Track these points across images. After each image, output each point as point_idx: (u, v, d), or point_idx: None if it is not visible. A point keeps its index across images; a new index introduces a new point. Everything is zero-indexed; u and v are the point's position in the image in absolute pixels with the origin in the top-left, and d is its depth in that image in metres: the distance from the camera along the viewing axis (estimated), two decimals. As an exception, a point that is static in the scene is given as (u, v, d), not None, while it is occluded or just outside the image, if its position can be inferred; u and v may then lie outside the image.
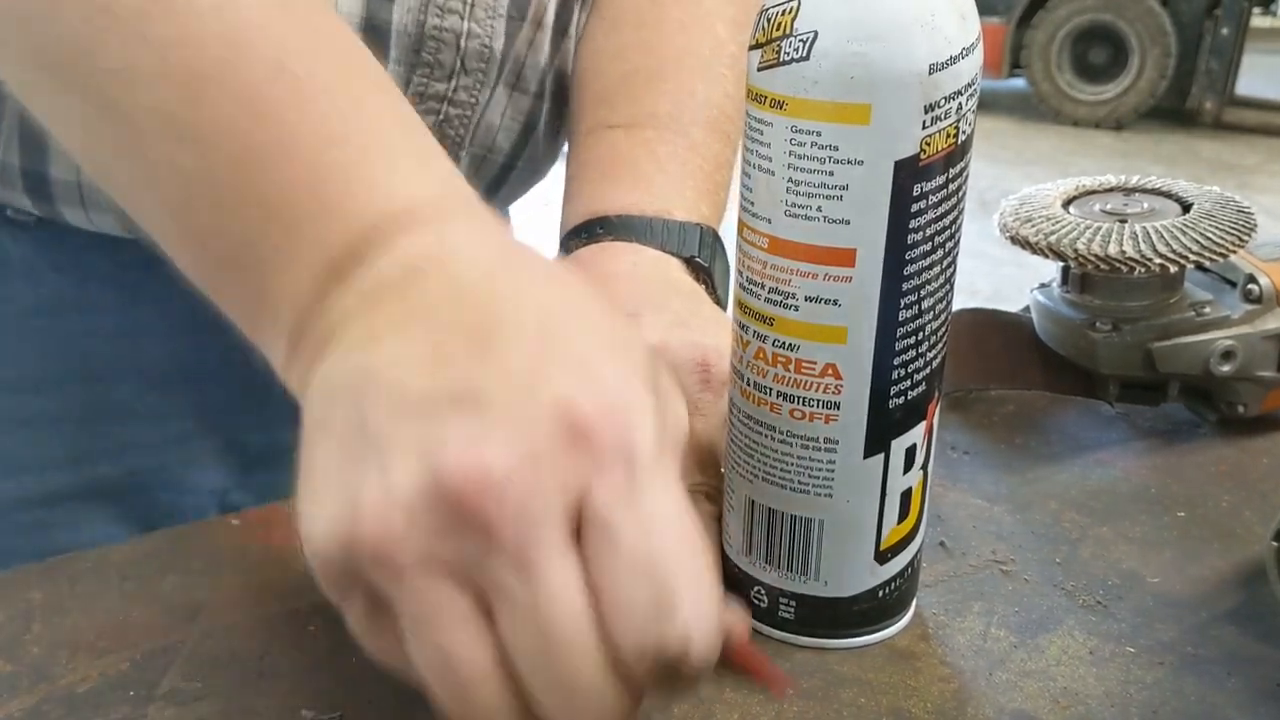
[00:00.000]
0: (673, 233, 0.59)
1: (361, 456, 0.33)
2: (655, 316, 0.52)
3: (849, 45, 0.38)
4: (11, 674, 0.43)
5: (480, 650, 0.32)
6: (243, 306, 0.40)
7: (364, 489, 0.32)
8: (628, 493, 0.32)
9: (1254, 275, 0.61)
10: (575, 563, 0.32)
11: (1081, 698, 0.43)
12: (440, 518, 0.31)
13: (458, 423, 0.32)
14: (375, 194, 0.38)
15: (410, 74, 0.60)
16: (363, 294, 0.36)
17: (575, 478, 0.32)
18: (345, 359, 0.35)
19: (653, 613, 0.31)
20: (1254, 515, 0.55)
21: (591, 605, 0.32)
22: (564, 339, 0.34)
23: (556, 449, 0.32)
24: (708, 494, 0.49)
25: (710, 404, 0.50)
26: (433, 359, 0.33)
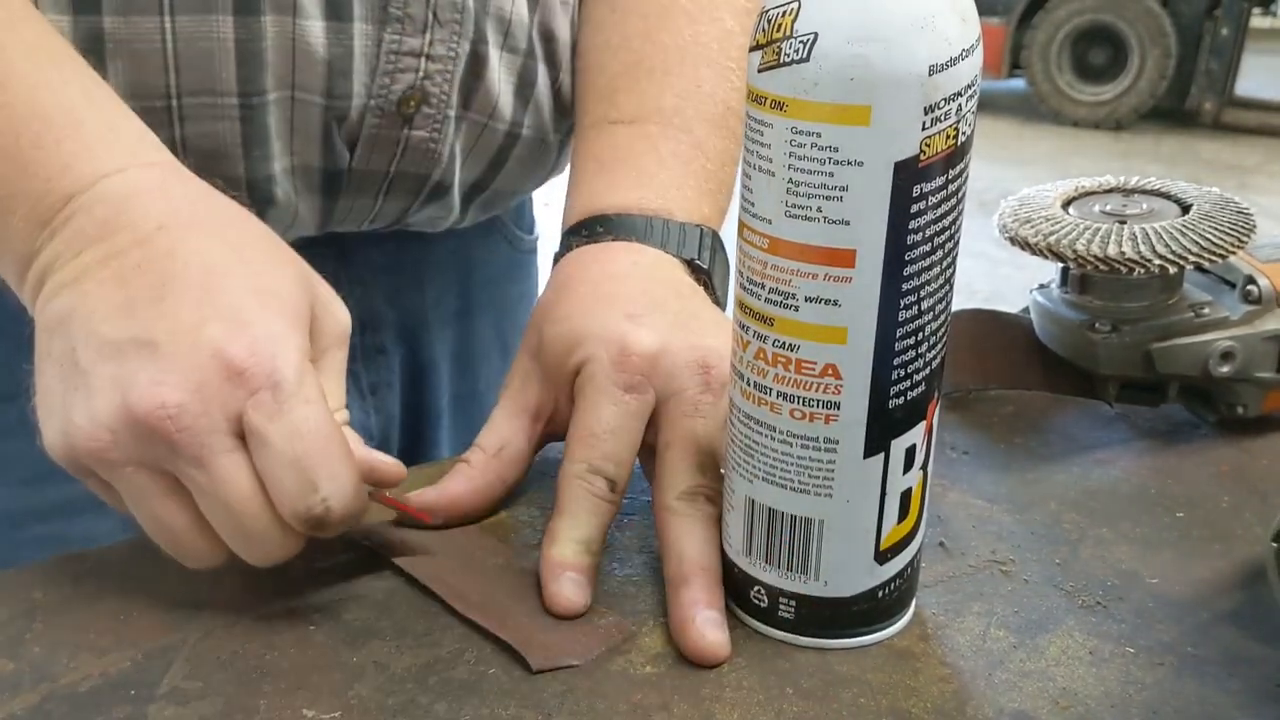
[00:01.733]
0: (673, 233, 0.59)
1: (73, 384, 0.45)
2: (654, 319, 0.52)
3: (849, 46, 0.38)
4: (13, 673, 0.43)
5: (181, 515, 0.45)
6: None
7: (77, 411, 0.44)
8: (274, 411, 0.44)
9: (1253, 276, 0.61)
10: (240, 458, 0.44)
11: (1081, 698, 0.43)
12: (134, 435, 0.43)
13: (140, 365, 0.44)
14: (68, 159, 0.48)
15: (380, 32, 0.59)
16: (67, 242, 0.47)
17: (232, 402, 0.44)
18: (55, 298, 0.46)
19: (297, 489, 0.44)
20: (1254, 516, 0.55)
21: (258, 485, 0.44)
22: (222, 291, 0.46)
23: (216, 383, 0.44)
24: (707, 496, 0.49)
25: (710, 406, 0.50)
26: (119, 309, 0.45)
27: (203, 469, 0.44)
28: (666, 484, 0.49)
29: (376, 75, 0.60)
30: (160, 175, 0.49)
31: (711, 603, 0.46)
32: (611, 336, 0.52)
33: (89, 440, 0.44)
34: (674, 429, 0.50)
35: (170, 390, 0.43)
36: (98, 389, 0.44)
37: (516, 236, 0.83)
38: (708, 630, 0.45)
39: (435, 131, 0.63)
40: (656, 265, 0.57)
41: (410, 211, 0.67)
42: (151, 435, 0.43)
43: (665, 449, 0.50)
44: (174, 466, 0.44)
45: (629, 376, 0.51)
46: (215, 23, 0.56)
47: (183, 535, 0.45)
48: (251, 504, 0.44)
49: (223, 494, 0.44)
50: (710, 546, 0.48)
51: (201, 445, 0.43)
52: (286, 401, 0.44)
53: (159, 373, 0.43)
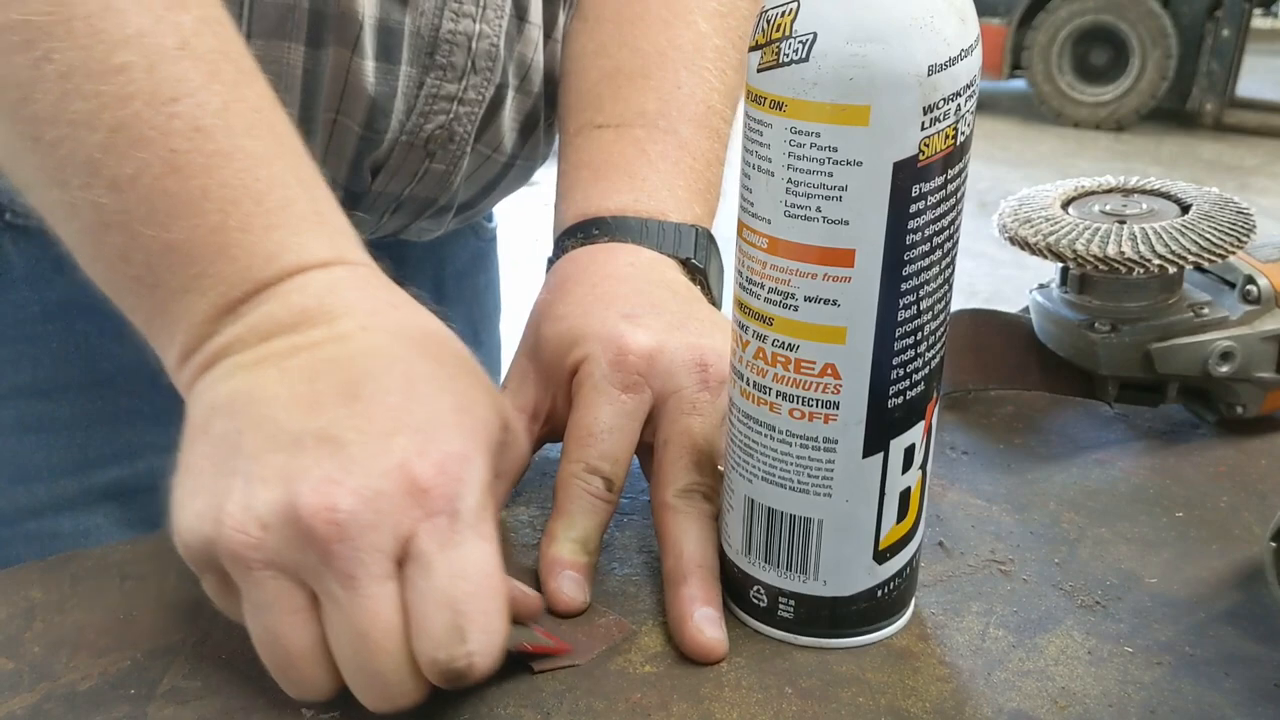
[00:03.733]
0: (668, 234, 0.59)
1: (233, 470, 0.40)
2: (652, 319, 0.53)
3: (848, 47, 0.38)
4: (13, 672, 0.43)
5: (303, 636, 0.40)
6: (143, 317, 0.46)
7: (230, 498, 0.40)
8: (446, 539, 0.40)
9: (1253, 276, 0.61)
10: (393, 587, 0.39)
11: (1079, 697, 0.43)
12: (289, 536, 0.39)
13: (318, 461, 0.39)
14: (273, 249, 0.44)
15: (424, 76, 0.61)
16: (252, 327, 0.43)
17: (406, 521, 0.39)
18: (231, 378, 0.43)
19: (446, 637, 0.39)
20: (1252, 516, 0.55)
21: (403, 620, 0.39)
22: (419, 401, 0.42)
23: (394, 497, 0.39)
24: (705, 494, 0.49)
25: (707, 404, 0.50)
26: (306, 401, 0.41)
27: (351, 590, 0.39)
28: (664, 482, 0.49)
29: (413, 115, 0.62)
30: (365, 276, 0.46)
31: (709, 600, 0.46)
32: (609, 336, 0.52)
33: (235, 531, 0.39)
34: (671, 427, 0.50)
35: (345, 494, 0.39)
36: (261, 478, 0.39)
37: (481, 227, 0.85)
38: (705, 627, 0.45)
39: (452, 165, 0.66)
40: (653, 265, 0.57)
41: (408, 227, 0.70)
42: (308, 539, 0.38)
43: (663, 447, 0.50)
44: (318, 581, 0.39)
45: (626, 376, 0.51)
46: (287, 49, 0.57)
47: (300, 659, 0.40)
48: (389, 640, 0.39)
49: (363, 623, 0.39)
50: (708, 544, 0.48)
51: (359, 563, 0.39)
52: (462, 533, 0.40)
53: (336, 472, 0.39)
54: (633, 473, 0.57)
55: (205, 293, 0.44)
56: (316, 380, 0.42)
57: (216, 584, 0.42)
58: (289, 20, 0.56)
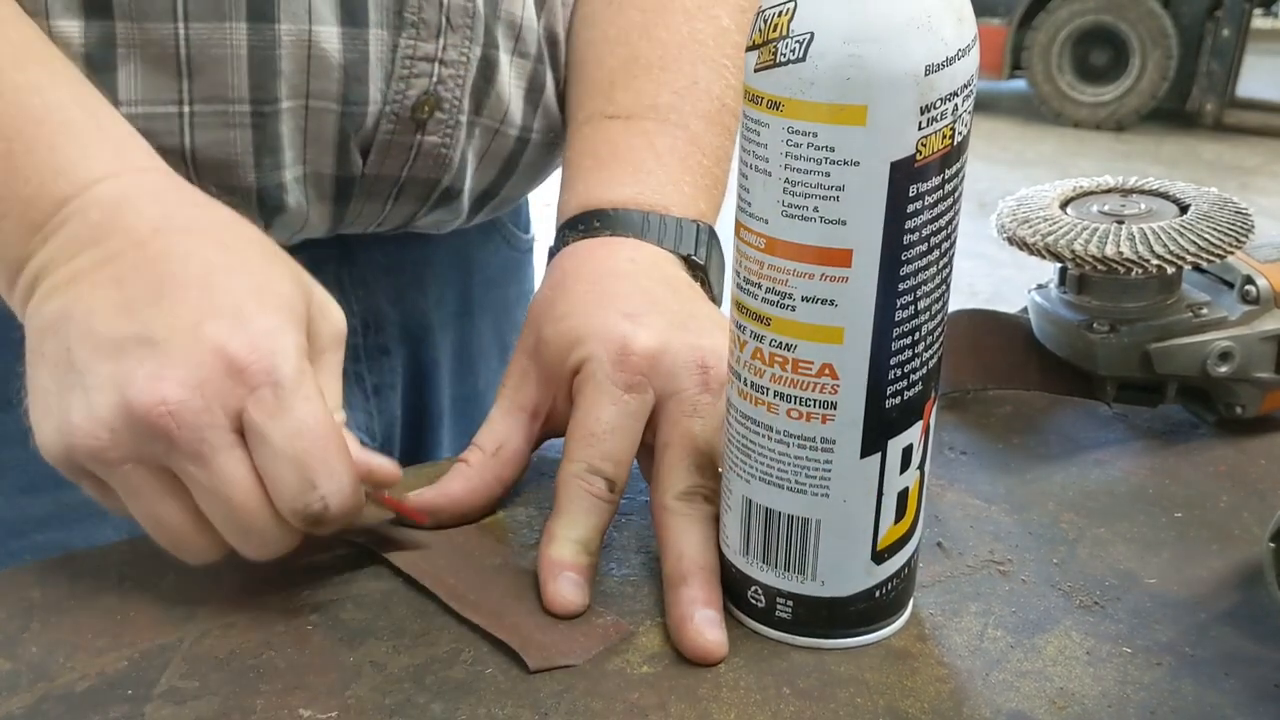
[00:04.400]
0: (669, 229, 0.59)
1: (71, 384, 0.45)
2: (654, 319, 0.52)
3: (845, 46, 0.38)
4: (10, 672, 0.43)
5: (179, 512, 0.45)
6: None
7: (74, 410, 0.44)
8: (274, 408, 0.44)
9: (1251, 276, 0.61)
10: (240, 454, 0.44)
11: (1078, 698, 0.43)
12: (134, 432, 0.43)
13: (140, 362, 0.44)
14: (62, 163, 0.48)
15: (396, 37, 0.59)
16: (60, 248, 0.47)
17: (232, 399, 0.44)
18: (49, 300, 0.46)
19: (297, 487, 0.44)
20: (1252, 516, 0.55)
21: (257, 480, 0.44)
22: (220, 288, 0.46)
23: (216, 379, 0.44)
24: (705, 496, 0.49)
25: (709, 406, 0.50)
26: (118, 308, 0.45)
27: (202, 466, 0.44)
28: (665, 484, 0.49)
29: (392, 81, 0.60)
30: (154, 180, 0.50)
31: (710, 602, 0.46)
32: (611, 336, 0.52)
33: (87, 438, 0.44)
34: (673, 429, 0.50)
35: (171, 386, 0.43)
36: (95, 387, 0.44)
37: (514, 236, 0.83)
38: (705, 629, 0.45)
39: (447, 137, 0.64)
40: (654, 262, 0.57)
41: (418, 215, 0.68)
42: (151, 432, 0.43)
43: (664, 449, 0.50)
44: (173, 463, 0.44)
45: (629, 376, 0.51)
46: (229, 30, 0.55)
47: (182, 532, 0.46)
48: (251, 500, 0.44)
49: (222, 491, 0.44)
50: (708, 546, 0.48)
51: (202, 441, 0.43)
52: (287, 399, 0.44)
53: (159, 369, 0.43)
54: (631, 474, 0.57)
55: (7, 216, 0.48)
56: (124, 287, 0.45)
57: (93, 486, 0.46)
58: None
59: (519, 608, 0.47)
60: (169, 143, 0.56)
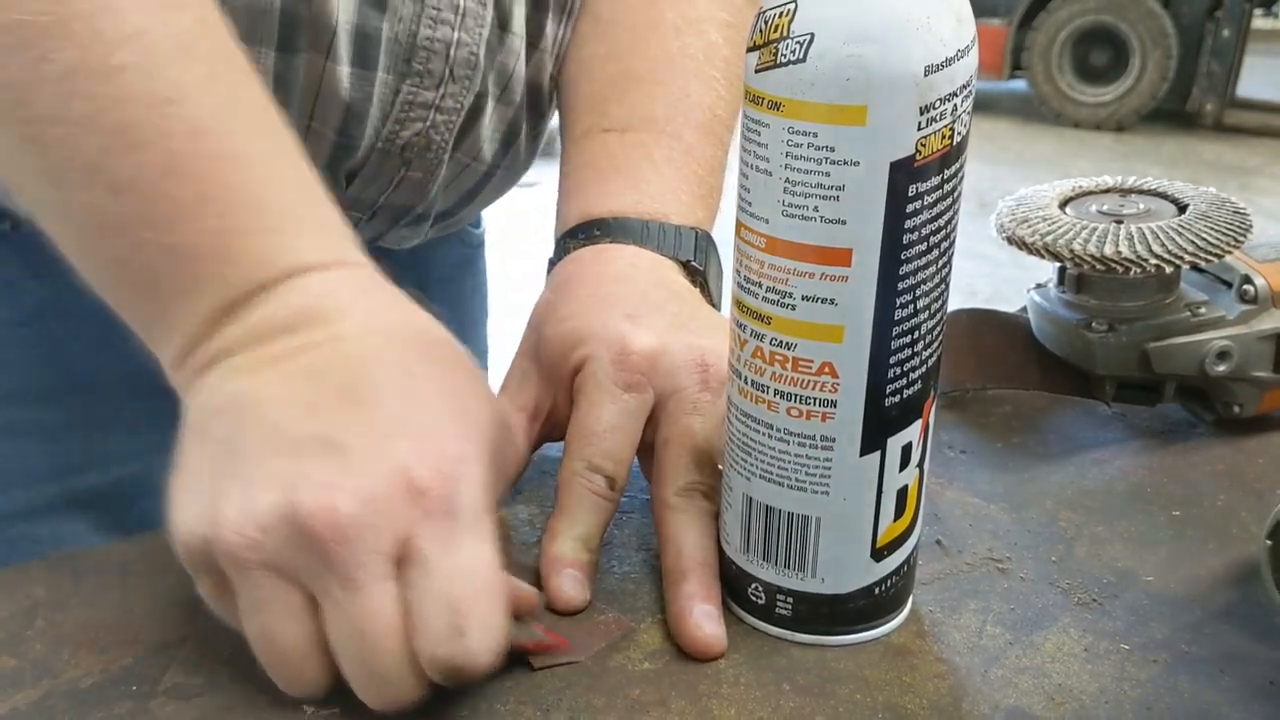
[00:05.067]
0: (668, 236, 0.59)
1: (232, 472, 0.41)
2: (653, 320, 0.53)
3: (845, 47, 0.38)
4: (15, 669, 0.44)
5: (300, 635, 0.41)
6: (141, 319, 0.46)
7: (229, 500, 0.40)
8: (445, 540, 0.40)
9: (1249, 276, 0.61)
10: (393, 586, 0.40)
11: (1076, 694, 0.43)
12: (288, 538, 0.39)
13: (317, 465, 0.40)
14: (272, 251, 0.44)
15: (400, 83, 0.61)
16: (250, 329, 0.43)
17: (404, 523, 0.40)
18: (229, 379, 0.43)
19: (446, 635, 0.39)
20: (1249, 515, 0.55)
21: (402, 619, 0.40)
22: (417, 403, 0.42)
23: (393, 499, 0.40)
24: (705, 493, 0.49)
25: (709, 404, 0.51)
26: (305, 404, 0.41)
27: (351, 590, 0.39)
28: (665, 480, 0.50)
29: (388, 122, 0.62)
30: (366, 277, 0.47)
31: (708, 597, 0.46)
32: (612, 336, 0.52)
33: (234, 533, 0.39)
34: (672, 426, 0.51)
35: (345, 497, 0.39)
36: (261, 482, 0.40)
37: (468, 233, 0.85)
38: (704, 623, 0.45)
39: (430, 173, 0.65)
40: (654, 266, 0.58)
41: (385, 234, 0.69)
42: (308, 542, 0.39)
43: (663, 446, 0.51)
44: (316, 581, 0.40)
45: (629, 375, 0.51)
46: (259, 54, 0.56)
47: (296, 657, 0.41)
48: (390, 640, 0.40)
49: (364, 623, 0.39)
50: (707, 542, 0.48)
51: (359, 565, 0.39)
52: (461, 535, 0.41)
53: (336, 475, 0.40)
54: (632, 473, 0.57)
55: (204, 295, 0.44)
56: (315, 382, 0.42)
57: (212, 586, 0.42)
58: (260, 25, 0.56)
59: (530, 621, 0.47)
60: None
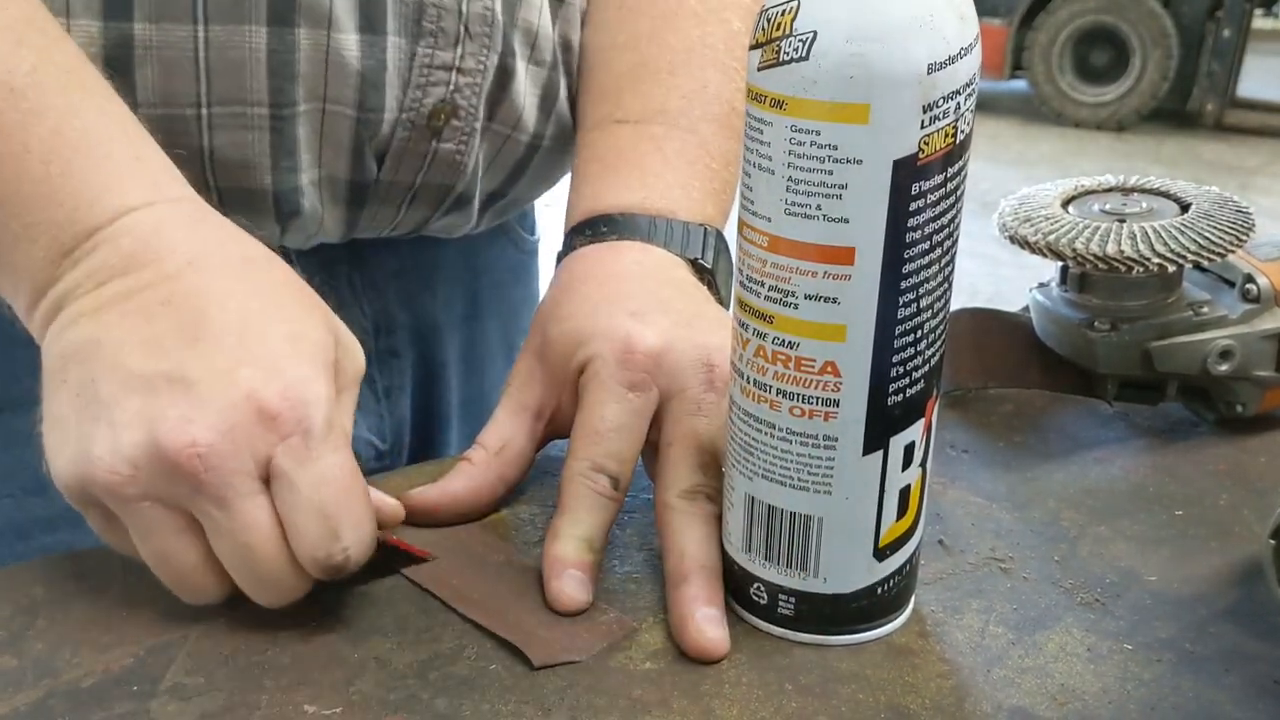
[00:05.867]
0: (677, 233, 0.59)
1: (95, 416, 0.44)
2: (659, 318, 0.53)
3: (848, 45, 0.38)
4: (15, 669, 0.43)
5: (190, 552, 0.45)
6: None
7: (97, 441, 0.43)
8: (303, 456, 0.44)
9: (1252, 275, 0.61)
10: (264, 500, 0.44)
11: (1079, 694, 0.43)
12: (158, 471, 0.43)
13: (172, 402, 0.43)
14: (97, 190, 0.47)
15: (414, 45, 0.60)
16: (89, 273, 0.46)
17: (262, 446, 0.43)
18: (74, 327, 0.46)
19: (321, 538, 0.44)
20: (1252, 514, 0.55)
21: (278, 528, 0.44)
22: (255, 333, 0.45)
23: (247, 425, 0.43)
24: (708, 495, 0.49)
25: (713, 405, 0.51)
26: (150, 344, 0.44)
27: (225, 510, 0.43)
28: (668, 482, 0.50)
29: (409, 89, 0.61)
30: (188, 211, 0.49)
31: (711, 600, 0.46)
32: (616, 335, 0.52)
33: (108, 473, 0.43)
34: (677, 427, 0.51)
35: (202, 429, 0.43)
36: (122, 423, 0.43)
37: (521, 238, 0.83)
38: (707, 627, 0.45)
39: (462, 144, 0.64)
40: (661, 264, 0.57)
41: (431, 221, 0.68)
42: (176, 473, 0.43)
43: (668, 447, 0.51)
44: (193, 505, 0.44)
45: (633, 374, 0.51)
46: (248, 32, 0.55)
47: (190, 572, 0.45)
48: (270, 547, 0.44)
49: (243, 536, 0.44)
50: (710, 544, 0.48)
51: (227, 486, 0.43)
52: (316, 448, 0.44)
53: (191, 410, 0.43)
54: (635, 472, 0.57)
55: (37, 240, 0.47)
56: (154, 321, 0.45)
57: (100, 518, 0.46)
58: (246, 1, 0.55)
59: (522, 605, 0.47)
60: (187, 144, 0.56)
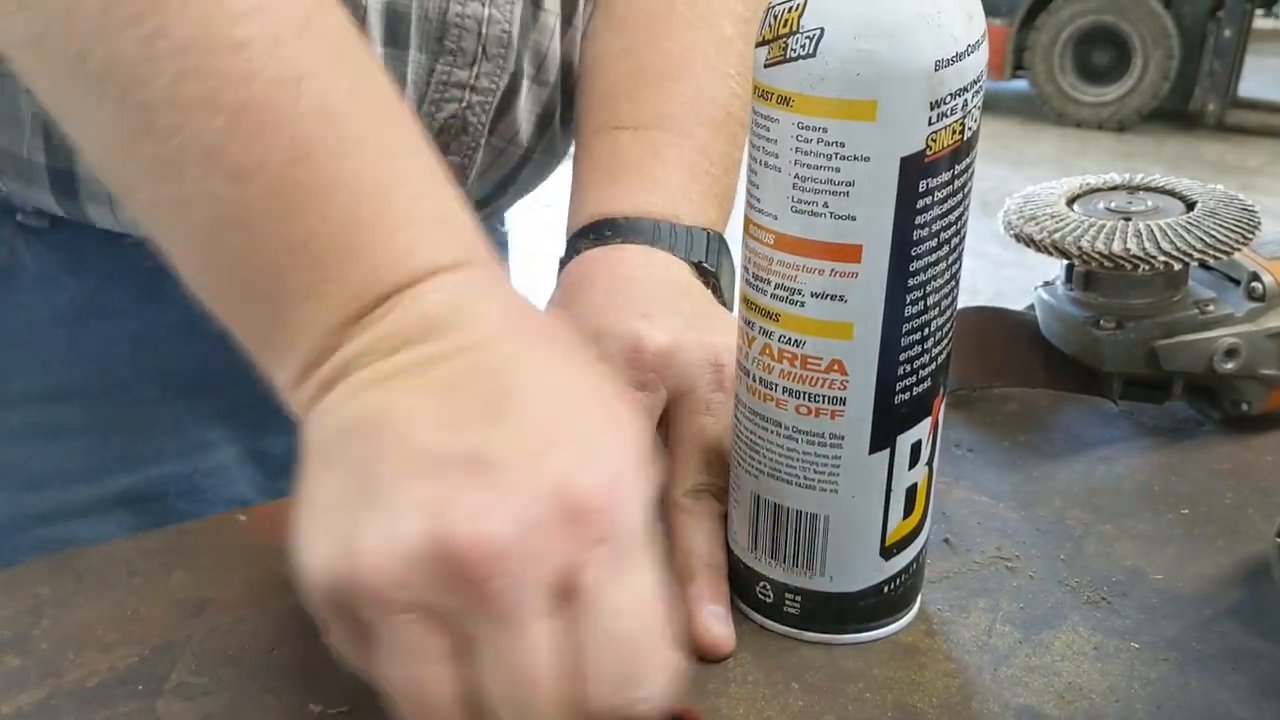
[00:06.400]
0: (680, 237, 0.59)
1: (368, 501, 0.35)
2: (667, 319, 0.52)
3: (855, 42, 0.38)
4: (20, 668, 0.43)
5: (450, 685, 0.35)
6: (256, 328, 0.41)
7: (367, 532, 0.35)
8: (613, 570, 0.35)
9: (1257, 273, 0.61)
10: (553, 624, 0.35)
11: (1086, 693, 0.43)
12: (437, 573, 0.34)
13: (466, 487, 0.35)
14: (402, 249, 0.40)
15: (434, 62, 0.60)
16: (381, 338, 0.38)
17: (567, 553, 0.35)
18: (358, 397, 0.38)
19: (622, 684, 0.35)
20: (1257, 512, 0.55)
21: (566, 662, 0.35)
22: (570, 415, 0.37)
23: (554, 524, 0.34)
24: (714, 494, 0.49)
25: (721, 404, 0.50)
26: (447, 419, 0.36)
27: (510, 632, 0.34)
28: (675, 480, 0.50)
29: (424, 103, 0.61)
30: (494, 279, 0.42)
31: (716, 598, 0.46)
32: (625, 334, 0.52)
33: (375, 571, 0.34)
34: (685, 426, 0.51)
35: (500, 521, 0.34)
36: (404, 508, 0.35)
37: (495, 230, 0.84)
38: (712, 624, 0.45)
39: (467, 158, 0.64)
40: (666, 267, 0.57)
41: None
42: (459, 577, 0.34)
43: (675, 445, 0.50)
44: (469, 622, 0.35)
45: (641, 374, 0.51)
46: None
47: (445, 710, 0.36)
48: (554, 685, 0.35)
49: (524, 669, 0.34)
50: (716, 543, 0.48)
51: (519, 601, 0.34)
52: (627, 562, 0.36)
53: (489, 498, 0.34)
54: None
55: (329, 298, 0.39)
56: (456, 394, 0.37)
57: (348, 631, 0.37)
58: None
59: None
60: None
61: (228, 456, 0.68)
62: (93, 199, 0.59)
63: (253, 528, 0.52)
